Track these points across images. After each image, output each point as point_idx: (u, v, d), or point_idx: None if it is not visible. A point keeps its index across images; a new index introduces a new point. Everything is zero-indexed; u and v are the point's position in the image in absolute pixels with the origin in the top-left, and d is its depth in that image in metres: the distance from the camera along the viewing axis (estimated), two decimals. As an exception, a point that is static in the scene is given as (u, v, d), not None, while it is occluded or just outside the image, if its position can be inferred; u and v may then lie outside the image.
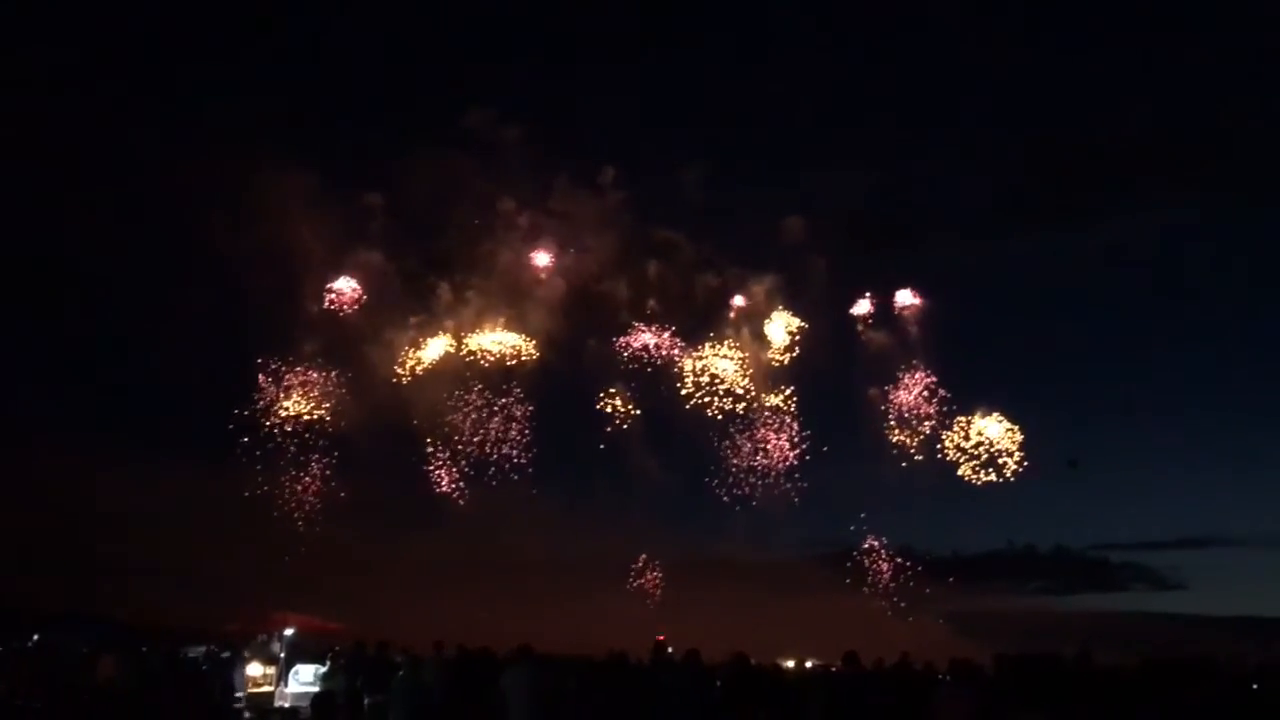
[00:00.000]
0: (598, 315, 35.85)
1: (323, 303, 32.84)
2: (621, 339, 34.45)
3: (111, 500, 41.19)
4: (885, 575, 38.24)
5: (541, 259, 34.92)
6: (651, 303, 35.38)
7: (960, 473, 34.69)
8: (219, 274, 34.04)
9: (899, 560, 37.88)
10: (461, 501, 32.79)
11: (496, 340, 33.23)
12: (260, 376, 31.77)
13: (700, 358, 34.40)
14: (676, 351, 34.50)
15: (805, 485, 35.47)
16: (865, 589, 38.71)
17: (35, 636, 30.43)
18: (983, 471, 34.68)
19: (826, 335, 35.98)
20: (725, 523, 36.08)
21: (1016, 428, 35.04)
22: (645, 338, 34.42)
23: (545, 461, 34.36)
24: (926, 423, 35.07)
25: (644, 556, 35.74)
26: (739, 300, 35.77)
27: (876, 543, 37.60)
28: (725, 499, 34.89)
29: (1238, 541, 77.38)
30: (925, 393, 35.18)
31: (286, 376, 32.00)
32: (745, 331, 35.49)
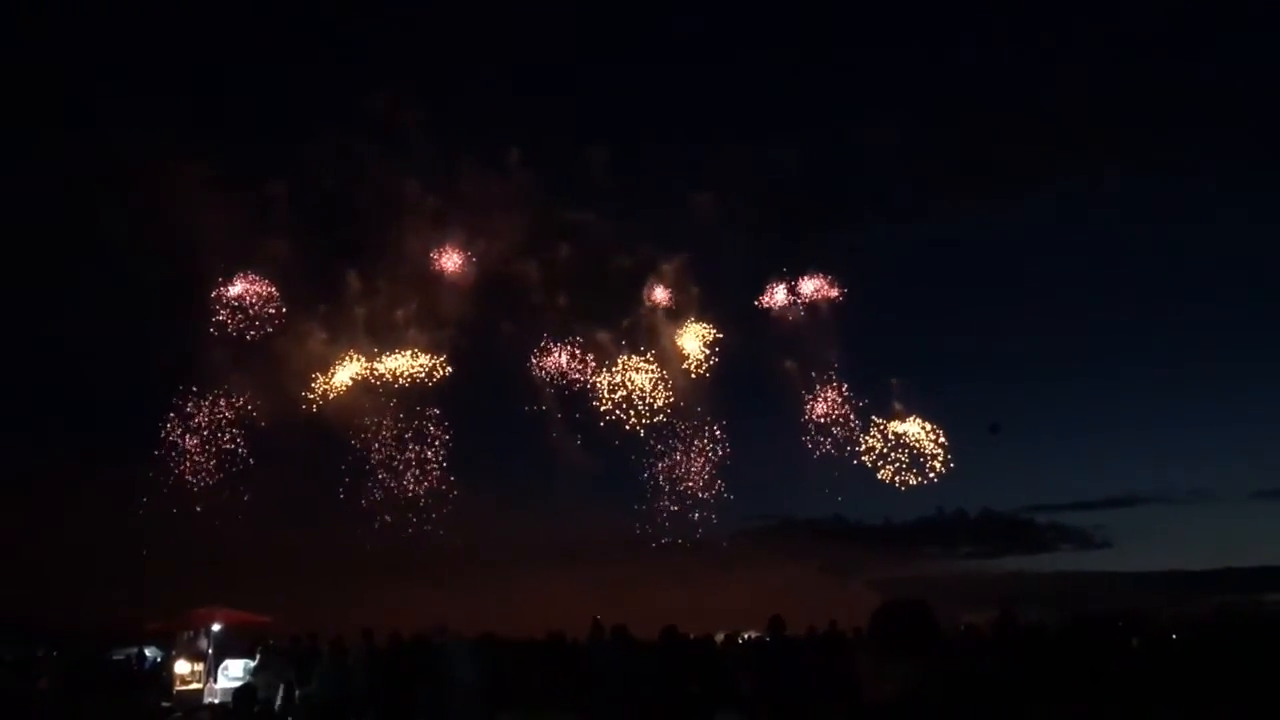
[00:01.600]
0: (510, 300, 35.62)
1: (225, 314, 31.77)
2: (536, 358, 34.04)
3: (32, 501, 40.29)
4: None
5: (449, 245, 34.31)
6: (562, 300, 34.97)
7: (881, 476, 34.57)
8: (120, 271, 33.22)
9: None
10: (385, 517, 32.29)
11: (408, 362, 32.55)
12: (169, 416, 30.89)
13: (617, 372, 34.02)
14: (590, 369, 34.09)
15: (725, 484, 35.12)
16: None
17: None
18: (907, 474, 34.66)
19: (739, 323, 35.87)
20: (655, 510, 35.93)
21: (937, 429, 34.92)
22: (560, 358, 34.04)
23: (468, 458, 34.17)
24: (841, 427, 35.00)
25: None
26: (659, 293, 35.30)
27: None
28: (649, 496, 34.79)
29: (1159, 499, 79.59)
30: (838, 399, 35.08)
31: (195, 412, 31.17)
32: (660, 327, 35.18)
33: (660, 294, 35.28)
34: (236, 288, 31.84)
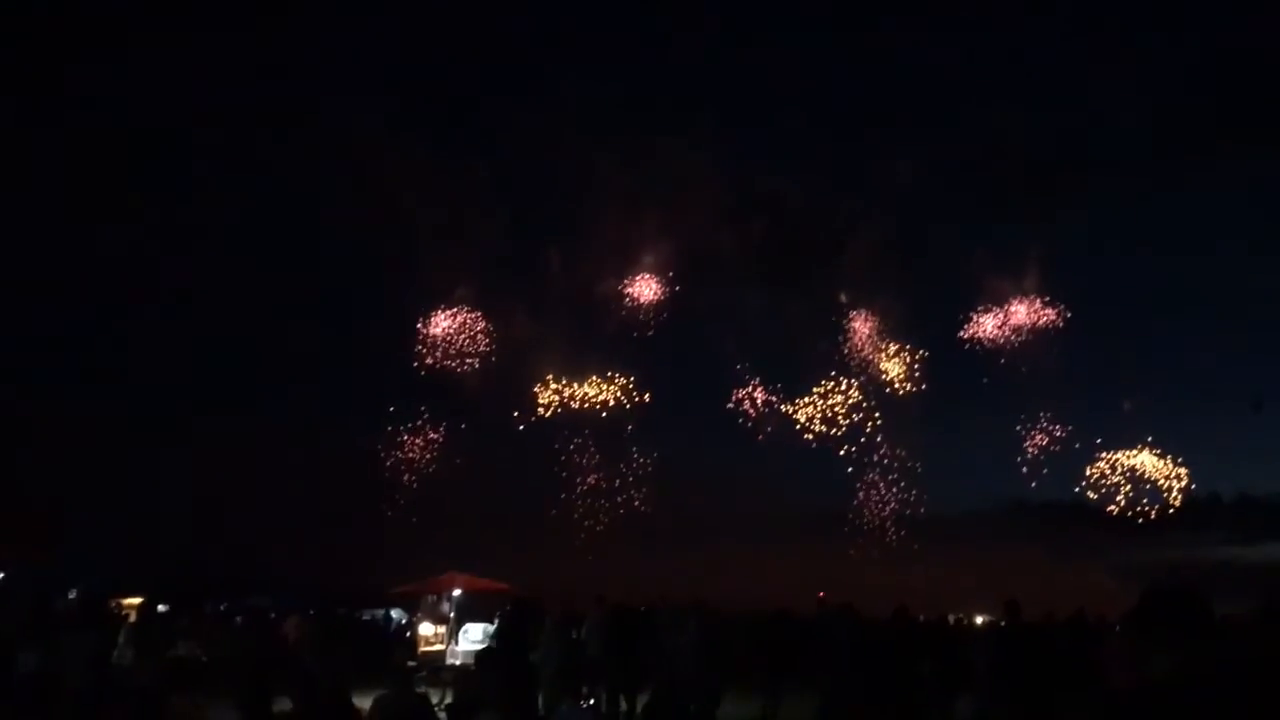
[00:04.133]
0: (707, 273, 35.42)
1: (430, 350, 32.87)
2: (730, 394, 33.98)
3: (285, 471, 43.25)
4: None
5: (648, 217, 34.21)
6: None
7: (1111, 510, 32.77)
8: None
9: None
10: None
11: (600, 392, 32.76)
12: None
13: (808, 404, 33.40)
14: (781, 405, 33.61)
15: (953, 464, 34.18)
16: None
17: (223, 605, 32.42)
18: (1142, 508, 32.74)
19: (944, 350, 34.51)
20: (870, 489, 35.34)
21: (1176, 462, 32.69)
22: (754, 394, 33.74)
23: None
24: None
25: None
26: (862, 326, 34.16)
27: None
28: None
29: None
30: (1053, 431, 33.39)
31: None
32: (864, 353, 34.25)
33: (862, 326, 34.28)
34: (442, 324, 32.84)
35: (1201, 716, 3.22)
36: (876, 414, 33.54)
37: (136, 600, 20.44)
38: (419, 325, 32.42)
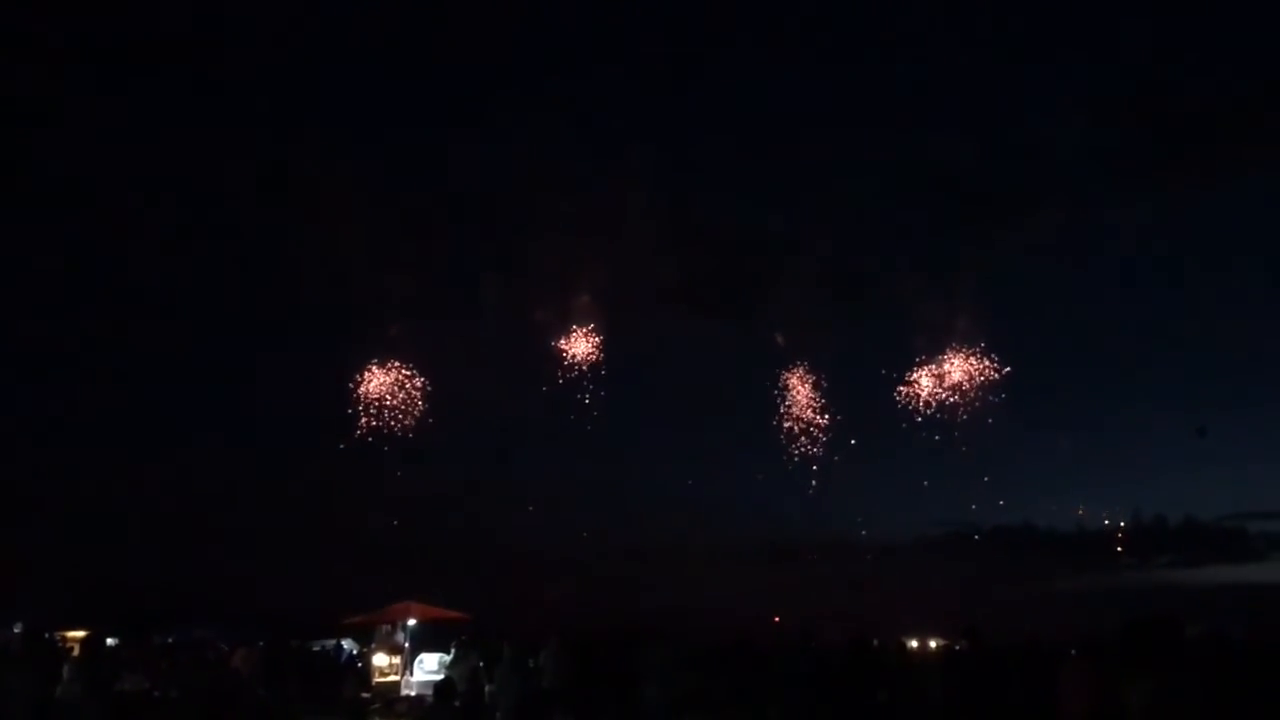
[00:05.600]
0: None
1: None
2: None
3: (235, 502, 42.74)
4: None
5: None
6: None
7: None
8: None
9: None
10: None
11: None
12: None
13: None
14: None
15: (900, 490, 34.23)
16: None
17: (170, 638, 31.78)
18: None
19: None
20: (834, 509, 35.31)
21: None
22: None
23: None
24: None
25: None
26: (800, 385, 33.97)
27: None
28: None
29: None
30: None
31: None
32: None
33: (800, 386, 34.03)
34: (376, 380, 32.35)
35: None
36: (819, 450, 33.38)
37: (81, 633, 20.00)
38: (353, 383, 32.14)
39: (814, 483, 33.27)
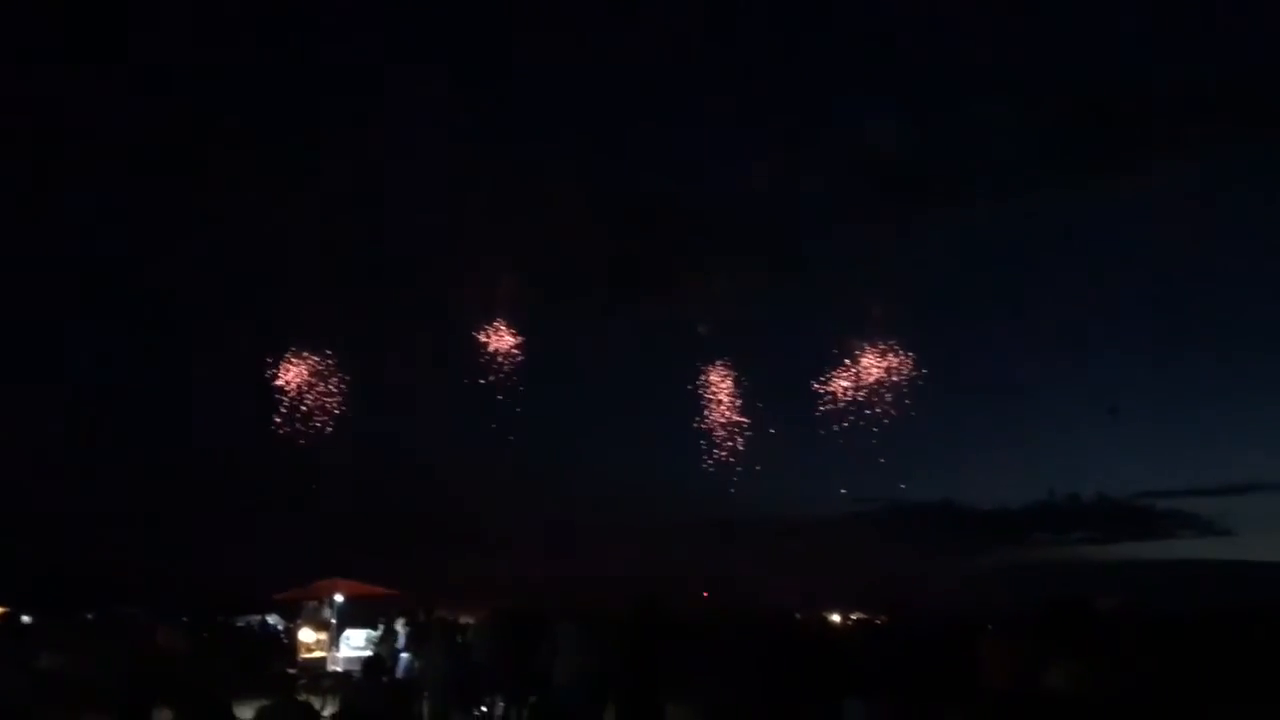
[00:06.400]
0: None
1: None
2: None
3: (160, 481, 42.04)
4: None
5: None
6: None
7: None
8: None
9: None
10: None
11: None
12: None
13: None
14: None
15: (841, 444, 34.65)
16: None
17: (90, 614, 31.23)
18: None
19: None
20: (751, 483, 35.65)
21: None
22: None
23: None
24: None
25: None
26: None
27: None
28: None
29: (1283, 486, 76.58)
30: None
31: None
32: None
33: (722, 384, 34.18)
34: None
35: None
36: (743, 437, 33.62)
37: (-2, 611, 19.61)
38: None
39: (738, 467, 33.61)
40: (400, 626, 18.91)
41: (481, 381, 30.36)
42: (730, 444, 32.79)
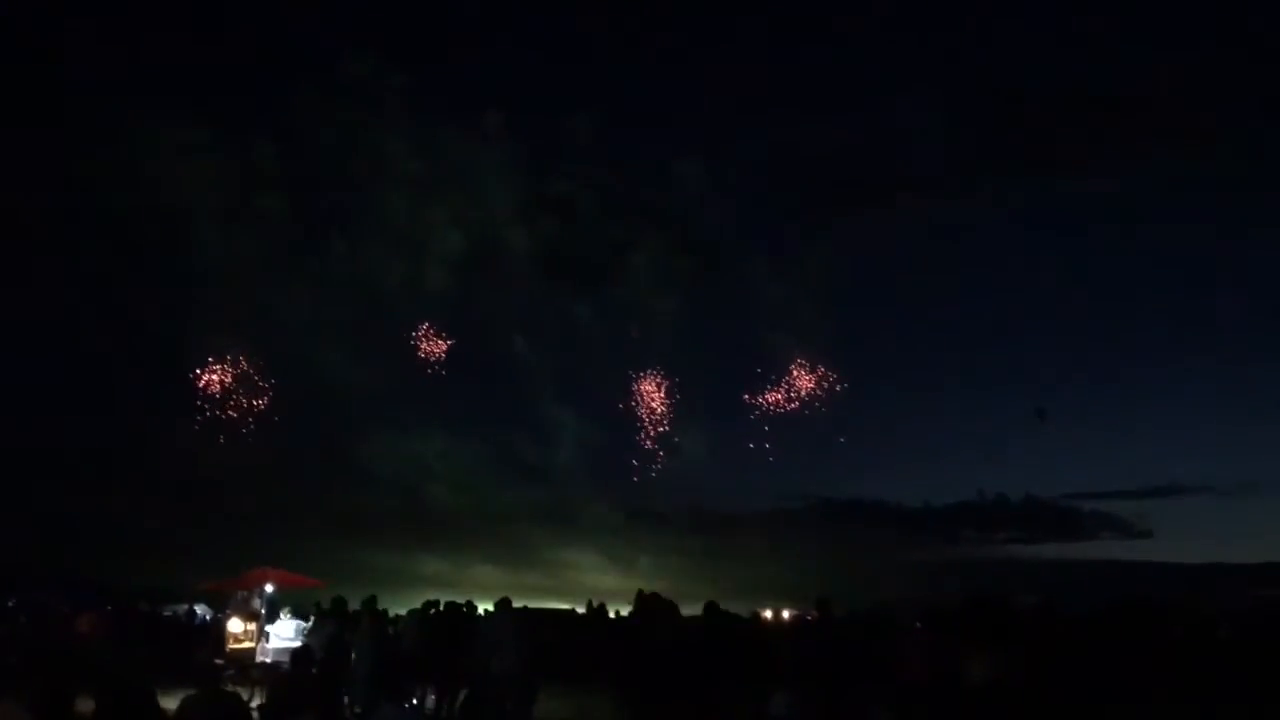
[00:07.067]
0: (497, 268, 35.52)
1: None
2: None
3: (85, 466, 41.24)
4: None
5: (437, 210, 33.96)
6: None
7: None
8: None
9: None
10: None
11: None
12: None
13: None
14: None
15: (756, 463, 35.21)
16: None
17: (10, 601, 30.52)
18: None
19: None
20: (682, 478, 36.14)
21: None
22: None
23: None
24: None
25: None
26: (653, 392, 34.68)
27: None
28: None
29: (1204, 490, 78.60)
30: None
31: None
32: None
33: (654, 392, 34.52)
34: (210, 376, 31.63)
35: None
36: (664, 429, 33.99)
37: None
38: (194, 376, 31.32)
39: (659, 459, 33.96)
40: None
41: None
42: (658, 440, 33.17)
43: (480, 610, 17.56)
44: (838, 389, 33.84)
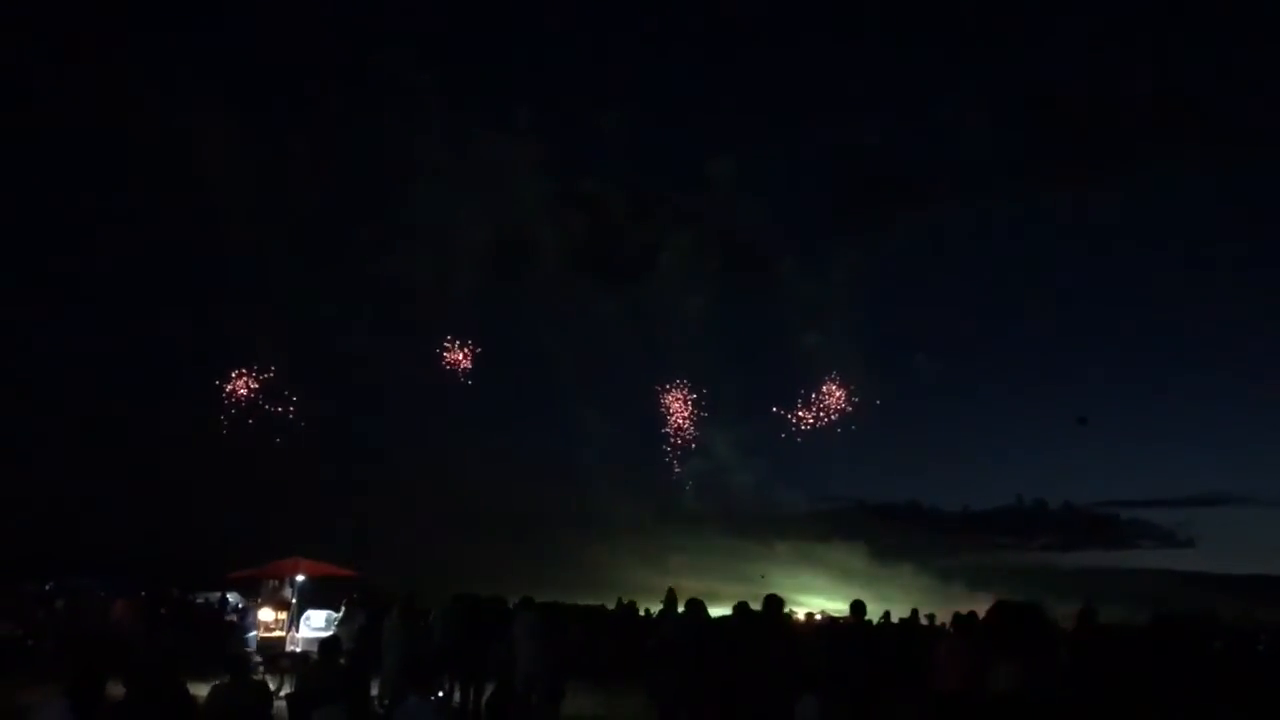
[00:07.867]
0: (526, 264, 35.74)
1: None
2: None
3: (123, 455, 41.66)
4: None
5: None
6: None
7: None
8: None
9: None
10: None
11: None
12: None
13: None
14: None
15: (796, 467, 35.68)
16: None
17: (48, 585, 30.87)
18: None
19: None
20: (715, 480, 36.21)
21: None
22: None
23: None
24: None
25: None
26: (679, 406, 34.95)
27: None
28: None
29: (1248, 500, 77.41)
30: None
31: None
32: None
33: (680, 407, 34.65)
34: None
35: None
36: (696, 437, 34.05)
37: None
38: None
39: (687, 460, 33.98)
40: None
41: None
42: (688, 440, 33.27)
43: (510, 605, 17.49)
44: (873, 403, 34.04)
